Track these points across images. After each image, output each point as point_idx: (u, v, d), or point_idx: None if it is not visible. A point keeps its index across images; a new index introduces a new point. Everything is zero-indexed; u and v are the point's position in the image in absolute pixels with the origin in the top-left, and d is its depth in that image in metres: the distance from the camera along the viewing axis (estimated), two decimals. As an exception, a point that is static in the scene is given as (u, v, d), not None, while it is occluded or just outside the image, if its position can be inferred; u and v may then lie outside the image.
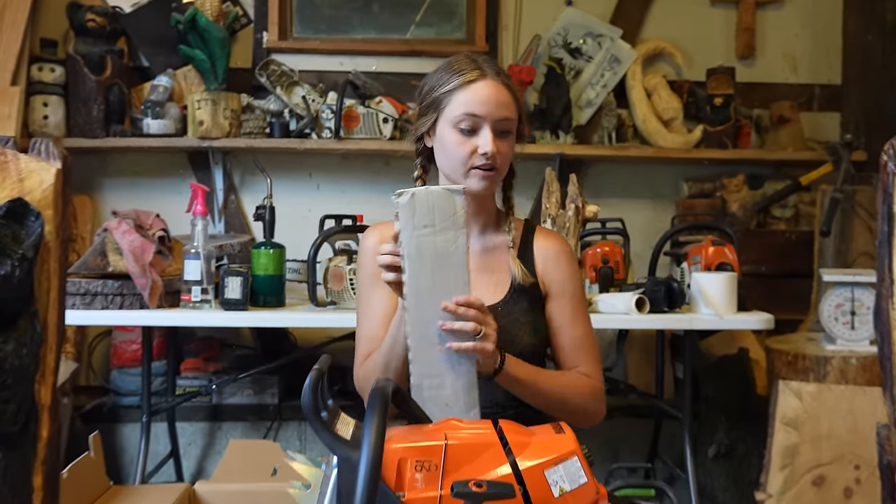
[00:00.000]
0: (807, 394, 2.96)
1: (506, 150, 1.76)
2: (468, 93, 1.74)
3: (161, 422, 3.63)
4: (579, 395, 1.77)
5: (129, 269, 2.85)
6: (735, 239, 3.29)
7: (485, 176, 1.76)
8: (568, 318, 1.84)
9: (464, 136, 1.75)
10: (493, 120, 1.74)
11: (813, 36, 4.31)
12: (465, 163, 1.76)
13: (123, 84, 3.80)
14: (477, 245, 1.87)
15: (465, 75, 1.75)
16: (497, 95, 1.74)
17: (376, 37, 4.16)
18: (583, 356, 1.83)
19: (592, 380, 1.81)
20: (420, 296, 1.62)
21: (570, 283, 1.86)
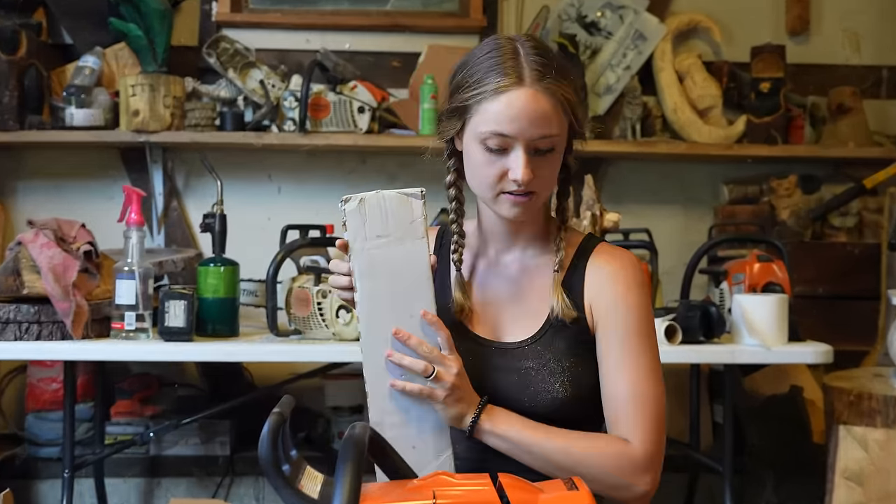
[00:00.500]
0: (873, 442, 2.98)
1: (546, 171, 1.72)
2: (498, 105, 1.68)
3: (87, 477, 3.62)
4: (600, 465, 1.69)
5: (49, 292, 2.85)
6: (786, 253, 3.31)
7: (517, 202, 1.72)
8: (612, 364, 1.75)
9: (492, 154, 1.70)
10: (527, 139, 1.68)
11: (880, 7, 4.34)
12: (492, 187, 1.72)
13: (41, 65, 3.80)
14: (515, 265, 1.83)
15: (498, 80, 1.69)
16: (535, 108, 1.67)
17: (350, 8, 4.17)
18: (628, 415, 1.73)
19: (628, 446, 1.70)
20: (373, 318, 1.65)
21: (621, 315, 1.76)
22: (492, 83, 1.69)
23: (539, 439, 1.68)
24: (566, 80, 1.71)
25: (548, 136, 1.68)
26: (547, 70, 1.69)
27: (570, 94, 1.71)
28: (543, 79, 1.68)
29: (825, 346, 3.06)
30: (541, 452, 1.68)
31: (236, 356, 3.09)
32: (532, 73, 1.68)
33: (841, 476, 2.99)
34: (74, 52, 3.95)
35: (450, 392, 1.65)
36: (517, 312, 1.80)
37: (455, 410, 1.66)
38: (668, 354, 2.97)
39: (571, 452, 1.68)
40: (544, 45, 1.76)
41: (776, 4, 4.30)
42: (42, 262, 2.88)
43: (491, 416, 1.68)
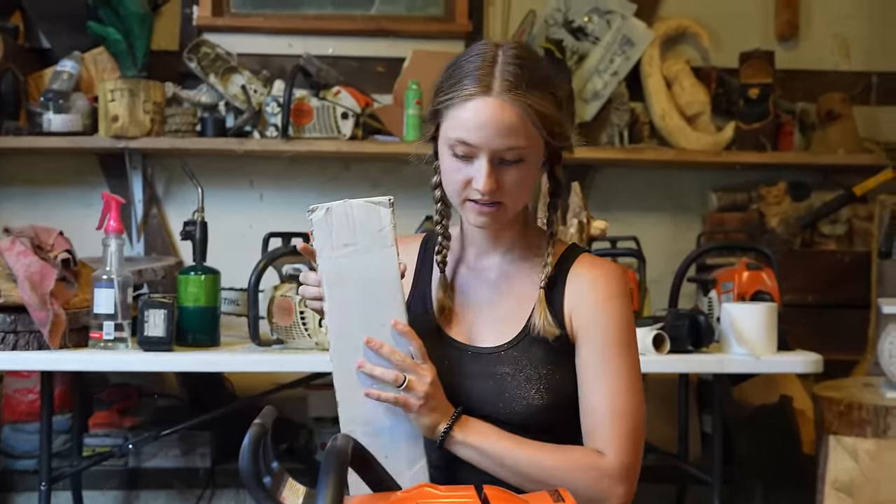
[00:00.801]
0: (863, 452, 2.98)
1: (513, 182, 1.70)
2: (465, 113, 1.68)
3: (64, 490, 3.60)
4: (573, 477, 1.67)
5: (25, 300, 2.83)
6: (775, 262, 3.32)
7: (481, 212, 1.72)
8: (591, 375, 1.74)
9: (458, 161, 1.71)
10: (491, 150, 1.68)
11: (869, 13, 4.36)
12: (459, 193, 1.73)
13: (18, 70, 3.79)
14: (494, 271, 1.83)
15: (468, 88, 1.68)
16: (500, 119, 1.66)
17: (334, 13, 4.17)
18: (604, 427, 1.72)
19: (602, 458, 1.69)
20: (343, 328, 1.66)
21: (601, 325, 1.75)
22: (462, 90, 1.69)
23: (511, 451, 1.68)
24: (541, 92, 1.70)
25: (513, 147, 1.68)
26: (519, 80, 1.68)
27: (544, 107, 1.69)
28: (513, 89, 1.67)
29: (815, 356, 3.06)
30: (513, 464, 1.68)
31: (217, 366, 3.08)
32: (502, 82, 1.67)
33: (831, 487, 2.99)
34: (52, 57, 3.94)
35: (423, 401, 1.65)
36: (494, 317, 1.80)
37: (428, 420, 1.66)
38: (656, 364, 2.97)
39: (544, 465, 1.68)
40: (529, 53, 1.75)
41: (765, 10, 4.31)
42: (19, 270, 2.87)
43: (464, 427, 1.68)
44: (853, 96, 4.25)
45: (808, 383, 3.81)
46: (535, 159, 1.74)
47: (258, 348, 3.00)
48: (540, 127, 1.70)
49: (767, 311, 3.04)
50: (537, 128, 1.70)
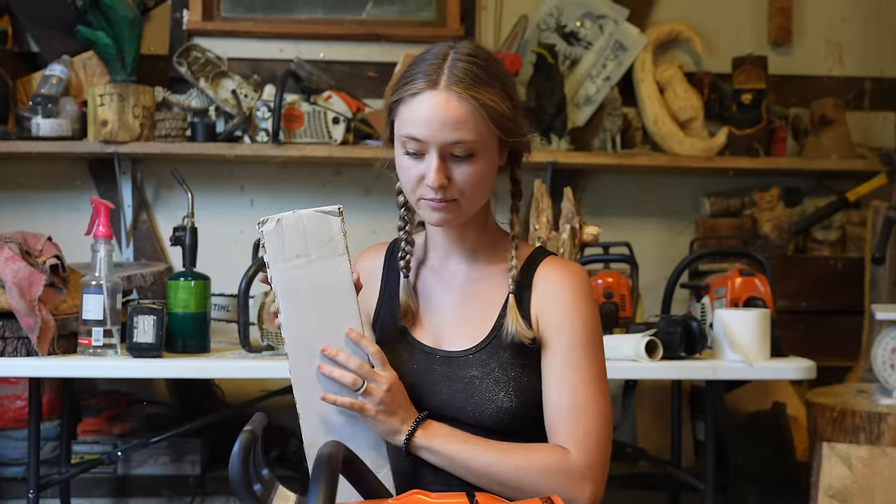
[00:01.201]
0: (857, 459, 2.99)
1: (464, 178, 1.71)
2: (411, 108, 1.71)
3: (53, 498, 3.59)
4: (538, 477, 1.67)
5: (13, 306, 2.83)
6: (768, 267, 3.32)
7: (435, 208, 1.73)
8: (556, 373, 1.75)
9: (410, 158, 1.73)
10: (438, 144, 1.69)
11: (863, 18, 4.37)
12: (413, 191, 1.74)
13: (6, 74, 3.78)
14: (460, 275, 1.84)
15: (416, 83, 1.71)
16: (445, 112, 1.68)
17: (325, 17, 4.17)
18: (569, 424, 1.72)
19: (567, 456, 1.69)
20: (299, 339, 1.68)
21: (567, 325, 1.77)
22: (411, 87, 1.71)
23: (476, 453, 1.68)
24: (491, 88, 1.71)
25: (461, 141, 1.69)
26: (465, 75, 1.69)
27: (494, 102, 1.70)
28: (460, 83, 1.69)
29: (808, 362, 3.07)
30: (478, 466, 1.68)
31: (207, 373, 3.07)
32: (450, 77, 1.69)
33: (824, 494, 2.99)
34: (41, 61, 3.93)
35: (380, 406, 1.67)
36: (461, 321, 1.81)
37: (386, 426, 1.68)
38: (649, 370, 2.98)
39: (509, 465, 1.68)
40: (482, 52, 1.76)
41: (758, 15, 4.32)
42: (7, 276, 2.86)
43: (427, 432, 1.69)
44: (846, 102, 4.26)
45: (802, 390, 3.82)
46: (488, 156, 1.74)
47: (248, 355, 3.00)
48: (489, 122, 1.70)
49: (760, 317, 3.04)
50: (487, 123, 1.70)
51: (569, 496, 1.67)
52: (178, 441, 3.76)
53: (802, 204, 4.19)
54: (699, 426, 3.87)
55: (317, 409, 1.69)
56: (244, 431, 1.38)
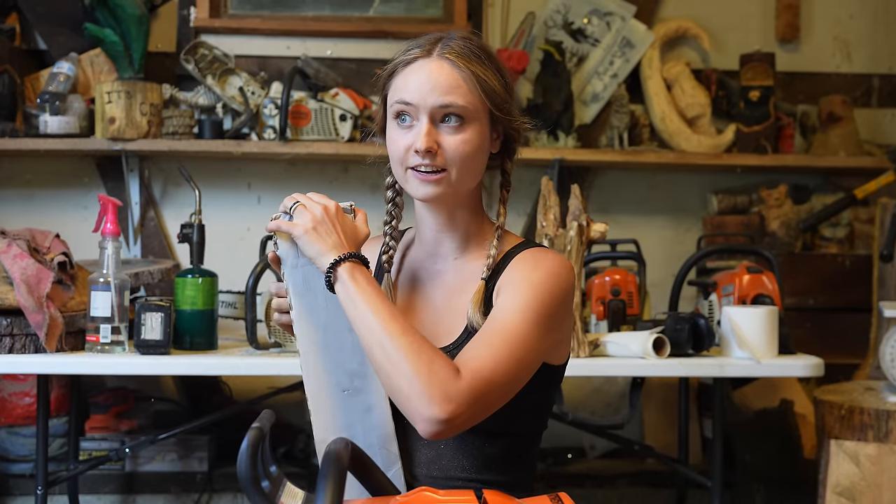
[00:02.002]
0: (865, 457, 2.98)
1: (454, 146, 1.69)
2: (403, 77, 1.73)
3: (61, 494, 3.60)
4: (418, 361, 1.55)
5: (21, 303, 2.83)
6: (776, 265, 3.32)
7: (424, 179, 1.71)
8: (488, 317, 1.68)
9: (401, 129, 1.73)
10: (429, 108, 1.69)
11: (871, 15, 4.37)
12: (402, 162, 1.74)
13: (14, 71, 3.79)
14: (448, 272, 1.82)
15: (406, 54, 1.73)
16: (438, 76, 1.69)
17: (332, 14, 4.17)
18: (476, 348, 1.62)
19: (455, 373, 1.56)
20: (310, 336, 1.68)
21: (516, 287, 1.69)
22: (403, 58, 1.74)
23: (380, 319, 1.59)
24: (484, 65, 1.72)
25: (451, 105, 1.69)
26: (461, 49, 1.72)
27: (486, 76, 1.71)
28: (453, 52, 1.71)
29: (816, 359, 3.06)
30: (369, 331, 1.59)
31: (215, 370, 3.08)
32: (443, 48, 1.72)
33: (832, 491, 2.99)
34: (49, 58, 3.94)
35: (310, 225, 1.66)
36: (448, 316, 1.78)
37: (315, 247, 1.65)
38: (657, 368, 2.98)
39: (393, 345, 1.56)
40: (475, 38, 1.77)
41: (765, 12, 4.32)
42: (15, 273, 2.87)
43: (353, 272, 1.62)
44: (854, 99, 4.25)
45: (809, 387, 3.82)
46: (478, 129, 1.72)
47: (256, 352, 3.00)
48: (481, 93, 1.71)
49: (768, 314, 3.04)
50: (478, 94, 1.71)
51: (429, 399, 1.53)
52: (185, 438, 3.77)
53: (810, 201, 4.19)
54: (706, 423, 3.87)
55: (329, 405, 1.68)
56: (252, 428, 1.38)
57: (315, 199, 1.69)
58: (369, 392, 1.68)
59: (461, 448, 1.69)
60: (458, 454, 1.70)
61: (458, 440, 1.68)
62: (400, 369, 1.55)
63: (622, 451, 3.99)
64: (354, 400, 1.68)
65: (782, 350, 3.08)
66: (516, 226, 4.08)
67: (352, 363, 1.68)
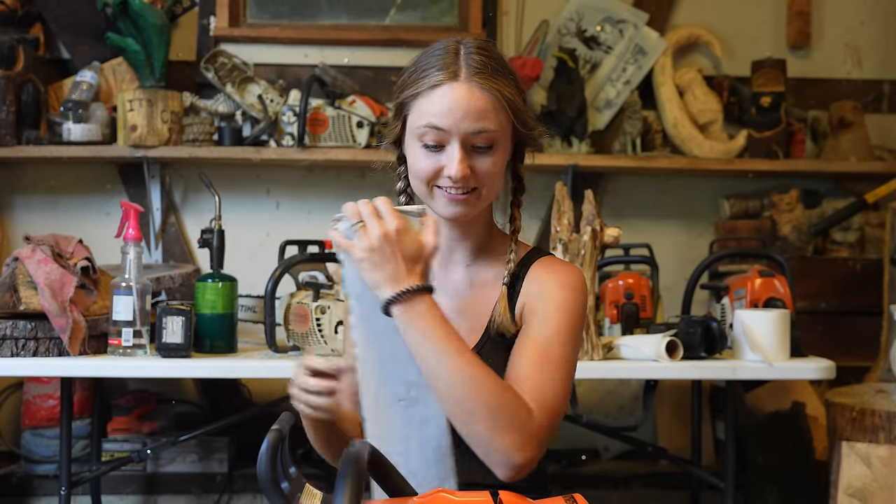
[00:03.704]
0: (876, 459, 2.97)
1: (486, 168, 1.70)
2: (431, 100, 1.68)
3: (84, 495, 3.61)
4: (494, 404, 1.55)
5: (45, 308, 2.84)
6: (787, 269, 3.31)
7: (453, 199, 1.71)
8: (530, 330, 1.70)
9: (429, 150, 1.71)
10: (462, 134, 1.67)
11: (882, 21, 4.35)
12: (428, 182, 1.72)
13: (38, 80, 3.81)
14: (460, 280, 1.82)
15: (433, 76, 1.69)
16: (468, 102, 1.67)
17: (349, 23, 4.18)
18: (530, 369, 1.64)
19: (530, 414, 1.58)
20: (367, 340, 1.64)
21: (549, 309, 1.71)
22: (428, 79, 1.69)
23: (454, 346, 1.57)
24: (506, 80, 1.70)
25: (484, 130, 1.67)
26: (484, 67, 1.69)
27: (510, 93, 1.70)
28: (479, 74, 1.68)
29: (827, 362, 3.05)
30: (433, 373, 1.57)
31: (234, 372, 3.08)
32: (468, 68, 1.68)
33: (844, 493, 2.98)
34: (72, 67, 3.96)
35: (365, 254, 1.59)
36: (461, 323, 1.76)
37: (370, 276, 1.59)
38: (670, 371, 2.97)
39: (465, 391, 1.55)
40: (490, 46, 1.75)
41: (777, 18, 4.31)
42: (39, 277, 2.88)
43: (408, 311, 1.57)
44: (865, 104, 4.24)
45: (821, 389, 3.80)
46: (504, 147, 1.73)
47: (275, 355, 3.01)
48: (509, 112, 1.70)
49: (780, 317, 3.03)
50: (507, 113, 1.70)
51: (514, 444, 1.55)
52: (206, 439, 3.78)
53: (821, 206, 4.17)
54: (719, 426, 3.86)
55: (384, 415, 1.64)
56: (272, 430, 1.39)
57: (377, 221, 1.60)
58: (426, 403, 1.62)
59: None
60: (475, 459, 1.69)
61: None
62: (476, 416, 1.55)
63: (636, 452, 3.98)
64: (411, 411, 1.62)
65: (794, 353, 3.07)
66: (531, 230, 4.08)
67: (410, 373, 1.61)
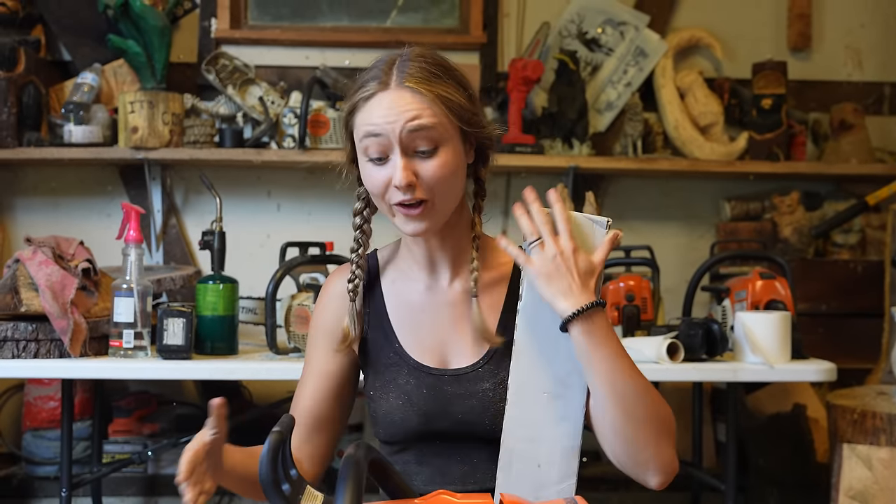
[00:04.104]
0: (878, 461, 2.97)
1: (431, 173, 1.64)
2: (366, 112, 1.65)
3: (84, 496, 3.61)
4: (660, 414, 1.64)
5: (47, 309, 2.84)
6: (788, 271, 3.31)
7: (409, 215, 1.66)
8: None
9: (375, 164, 1.67)
10: (399, 136, 1.62)
11: (882, 24, 4.35)
12: (383, 198, 1.68)
13: (40, 82, 3.81)
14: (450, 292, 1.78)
15: (365, 88, 1.66)
16: (400, 104, 1.62)
17: (350, 25, 4.18)
18: None
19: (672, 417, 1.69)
20: (531, 328, 1.66)
21: None
22: (362, 91, 1.66)
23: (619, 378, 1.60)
24: (445, 81, 1.66)
25: (421, 127, 1.62)
26: (419, 72, 1.64)
27: (448, 93, 1.65)
28: (412, 78, 1.63)
29: (829, 364, 3.05)
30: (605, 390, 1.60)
31: (235, 374, 3.08)
32: (399, 75, 1.64)
33: (845, 495, 2.98)
34: (73, 69, 3.96)
35: (543, 271, 1.60)
36: (462, 335, 1.75)
37: (546, 292, 1.61)
38: (670, 372, 2.97)
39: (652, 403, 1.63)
40: (429, 53, 1.70)
41: (777, 21, 4.31)
42: (40, 279, 2.88)
43: (589, 321, 1.59)
44: (866, 106, 4.24)
45: (822, 392, 3.80)
46: (452, 149, 1.67)
47: (276, 356, 3.00)
48: (448, 112, 1.65)
49: (781, 319, 3.03)
50: (445, 113, 1.65)
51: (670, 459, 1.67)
52: (206, 441, 3.78)
53: (822, 208, 4.17)
54: (720, 428, 3.86)
55: (527, 404, 1.66)
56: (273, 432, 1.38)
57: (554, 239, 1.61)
58: (568, 402, 1.67)
59: (494, 461, 1.68)
60: (492, 467, 1.69)
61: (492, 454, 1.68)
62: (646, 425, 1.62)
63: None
64: (553, 405, 1.66)
65: (795, 355, 3.07)
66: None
67: (561, 369, 1.66)
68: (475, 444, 1.70)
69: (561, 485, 1.65)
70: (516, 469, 1.64)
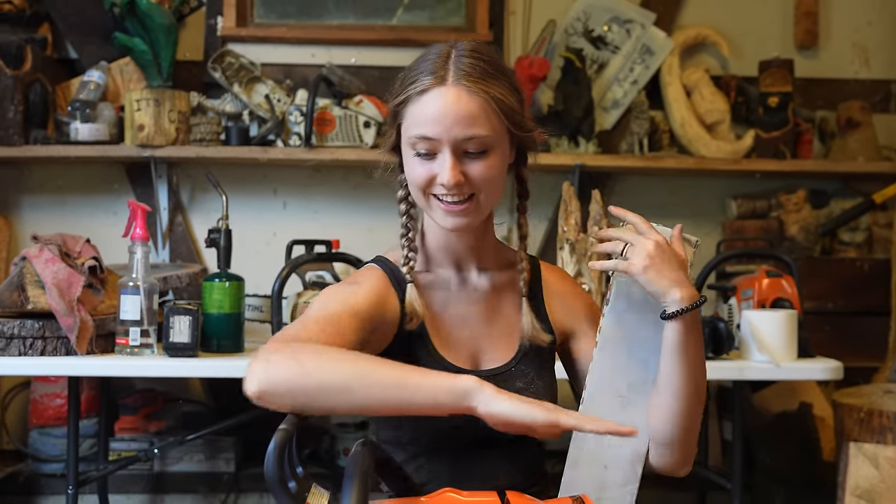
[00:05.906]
0: (884, 459, 2.96)
1: (480, 173, 1.64)
2: (420, 107, 1.64)
3: (91, 494, 3.61)
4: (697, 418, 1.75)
5: (53, 307, 2.85)
6: (795, 269, 3.30)
7: (451, 210, 1.67)
8: None
9: (422, 159, 1.66)
10: (452, 141, 1.62)
11: (890, 21, 4.34)
12: (424, 191, 1.68)
13: (46, 80, 3.81)
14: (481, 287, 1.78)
15: (420, 82, 1.64)
16: (456, 108, 1.61)
17: (356, 23, 4.18)
18: None
19: None
20: (617, 339, 1.70)
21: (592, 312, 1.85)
22: (417, 85, 1.65)
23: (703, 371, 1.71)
24: (499, 81, 1.65)
25: (474, 136, 1.62)
26: (473, 69, 1.64)
27: (503, 95, 1.65)
28: (468, 77, 1.63)
29: (835, 363, 3.05)
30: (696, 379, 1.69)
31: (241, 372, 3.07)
32: (456, 72, 1.63)
33: (852, 494, 2.97)
34: (79, 67, 3.96)
35: (647, 263, 1.64)
36: (492, 335, 1.76)
37: (654, 287, 1.64)
38: (677, 371, 2.96)
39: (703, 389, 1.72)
40: (484, 48, 1.70)
41: (784, 18, 4.30)
42: (46, 277, 2.88)
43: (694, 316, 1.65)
44: (873, 104, 4.23)
45: (829, 390, 3.80)
46: (500, 151, 1.68)
47: (282, 354, 3.01)
48: (501, 115, 1.65)
49: (787, 318, 3.03)
50: (499, 116, 1.65)
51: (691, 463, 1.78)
52: (212, 439, 3.78)
53: (829, 206, 4.17)
54: (726, 426, 3.85)
55: (600, 405, 1.70)
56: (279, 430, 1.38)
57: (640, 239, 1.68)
58: (638, 408, 1.70)
59: (513, 461, 1.70)
60: (511, 468, 1.70)
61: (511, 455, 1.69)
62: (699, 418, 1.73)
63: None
64: (623, 410, 1.70)
65: (801, 353, 3.07)
66: (537, 231, 4.07)
67: (634, 376, 1.70)
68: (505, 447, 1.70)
69: (624, 488, 1.69)
70: (583, 468, 1.67)
